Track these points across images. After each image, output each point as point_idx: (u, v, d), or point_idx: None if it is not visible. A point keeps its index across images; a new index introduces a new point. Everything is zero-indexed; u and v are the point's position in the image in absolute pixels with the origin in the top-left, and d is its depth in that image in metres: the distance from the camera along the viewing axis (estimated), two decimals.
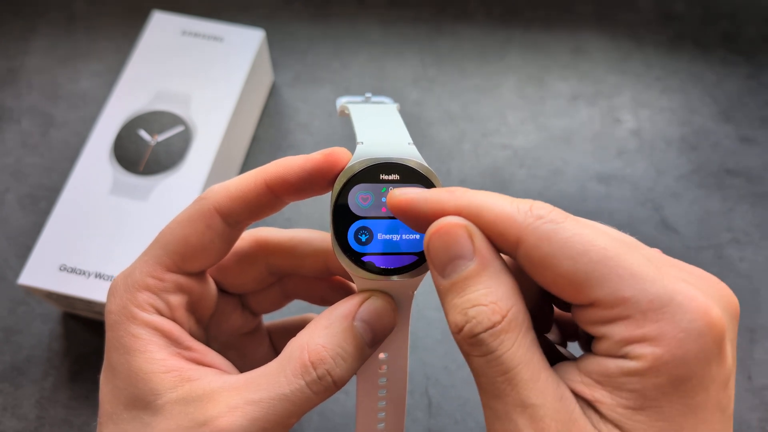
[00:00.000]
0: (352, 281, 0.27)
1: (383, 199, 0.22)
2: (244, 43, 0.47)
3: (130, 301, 0.22)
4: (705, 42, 0.55)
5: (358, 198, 0.22)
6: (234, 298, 0.28)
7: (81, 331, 0.41)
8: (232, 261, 0.26)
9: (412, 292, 0.23)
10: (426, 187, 0.22)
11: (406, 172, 0.22)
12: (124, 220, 0.39)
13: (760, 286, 0.44)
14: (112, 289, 0.23)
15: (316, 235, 0.27)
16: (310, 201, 0.46)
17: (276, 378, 0.21)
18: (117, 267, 0.37)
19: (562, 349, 0.25)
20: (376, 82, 0.52)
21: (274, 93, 0.52)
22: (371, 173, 0.22)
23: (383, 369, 0.25)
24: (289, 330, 0.31)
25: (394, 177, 0.22)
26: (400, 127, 0.24)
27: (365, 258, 0.22)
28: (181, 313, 0.24)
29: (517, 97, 0.52)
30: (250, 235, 0.27)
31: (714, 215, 0.47)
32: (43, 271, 0.37)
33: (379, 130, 0.24)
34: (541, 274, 0.19)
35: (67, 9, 0.56)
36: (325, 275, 0.28)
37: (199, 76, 0.45)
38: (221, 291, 0.27)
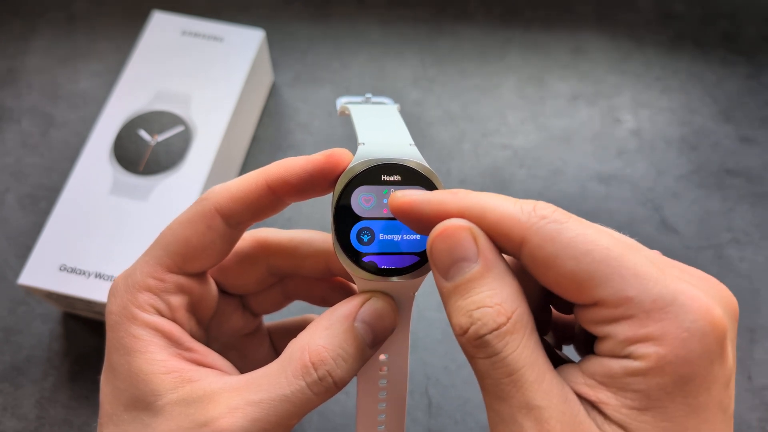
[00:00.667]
0: (352, 282, 0.27)
1: (384, 200, 0.22)
2: (244, 43, 0.47)
3: (130, 301, 0.22)
4: (705, 42, 0.55)
5: (361, 199, 0.22)
6: (235, 298, 0.28)
7: (81, 331, 0.41)
8: (232, 262, 0.26)
9: (413, 293, 0.23)
10: (427, 189, 0.22)
11: (407, 173, 0.22)
12: (124, 220, 0.39)
13: (760, 286, 0.44)
14: (112, 289, 0.23)
15: (317, 236, 0.27)
16: (311, 201, 0.46)
17: (277, 379, 0.21)
18: (117, 267, 0.37)
19: (558, 352, 0.25)
20: (376, 82, 0.52)
21: (274, 93, 0.52)
22: (373, 174, 0.22)
23: (384, 370, 0.25)
24: (290, 331, 0.31)
25: (396, 178, 0.22)
26: (402, 128, 0.24)
27: (366, 258, 0.22)
28: (182, 313, 0.24)
29: (517, 97, 0.52)
30: (251, 235, 0.27)
31: (714, 215, 0.47)
32: (43, 271, 0.37)
33: (381, 131, 0.24)
34: (544, 274, 0.19)
35: (67, 9, 0.56)
36: (325, 276, 0.27)
37: (199, 76, 0.45)
38: (222, 292, 0.27)
